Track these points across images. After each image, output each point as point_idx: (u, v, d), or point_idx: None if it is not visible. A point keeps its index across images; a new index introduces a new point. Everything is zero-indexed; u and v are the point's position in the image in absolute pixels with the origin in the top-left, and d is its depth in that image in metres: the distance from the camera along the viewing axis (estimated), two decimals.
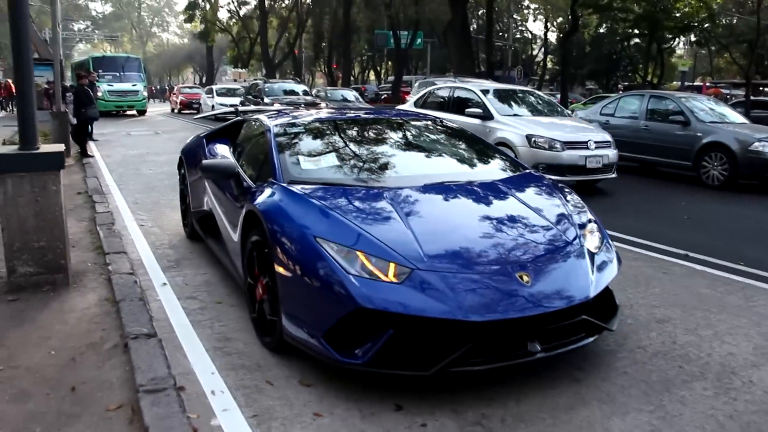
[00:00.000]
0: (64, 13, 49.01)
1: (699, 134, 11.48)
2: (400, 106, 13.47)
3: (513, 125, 10.33)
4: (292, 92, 24.03)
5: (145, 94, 33.73)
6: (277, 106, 6.62)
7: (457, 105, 11.68)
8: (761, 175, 10.85)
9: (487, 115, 10.76)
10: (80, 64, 36.61)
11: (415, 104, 12.83)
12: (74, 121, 14.23)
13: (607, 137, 10.43)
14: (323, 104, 19.67)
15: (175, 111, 37.41)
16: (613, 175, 10.33)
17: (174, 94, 42.23)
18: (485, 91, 11.47)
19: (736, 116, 12.58)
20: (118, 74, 31.78)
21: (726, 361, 3.91)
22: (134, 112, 31.66)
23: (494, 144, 9.82)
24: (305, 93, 24.57)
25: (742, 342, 4.21)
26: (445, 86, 13.31)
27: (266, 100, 21.79)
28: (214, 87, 35.10)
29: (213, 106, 28.89)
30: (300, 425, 3.11)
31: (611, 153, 10.22)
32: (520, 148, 9.82)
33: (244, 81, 40.22)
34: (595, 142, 10.05)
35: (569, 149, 9.76)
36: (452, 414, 3.22)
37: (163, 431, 2.91)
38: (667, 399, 3.42)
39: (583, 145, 9.93)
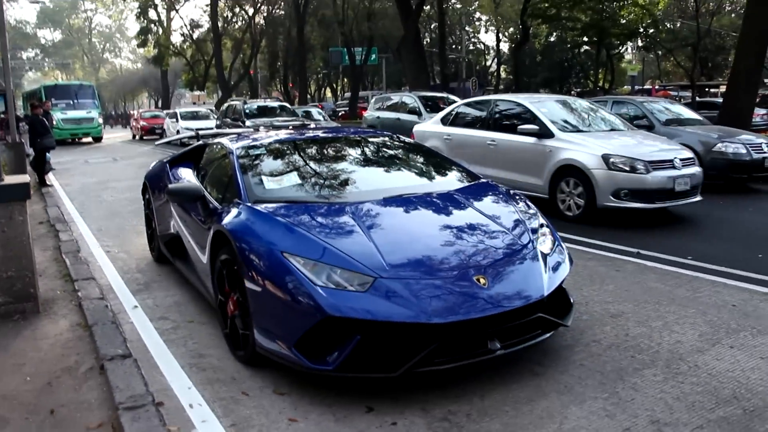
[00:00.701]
0: (12, 42, 48.22)
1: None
2: (419, 126, 11.93)
3: (581, 143, 8.54)
4: (275, 111, 21.13)
5: (101, 120, 33.22)
6: (262, 131, 6.01)
7: (502, 122, 9.87)
8: (725, 176, 10.97)
9: (544, 133, 8.90)
10: (32, 93, 36.08)
11: (443, 122, 11.00)
12: (31, 151, 14.12)
13: (689, 153, 8.93)
14: (312, 125, 17.49)
15: (137, 138, 35.37)
16: (699, 198, 8.73)
17: (135, 119, 39.49)
18: (538, 102, 9.64)
19: (692, 114, 13.00)
20: (71, 102, 31.45)
21: (674, 348, 4.17)
22: (90, 139, 31.28)
23: (559, 167, 8.64)
24: (287, 111, 21.54)
25: (689, 330, 4.48)
26: (482, 99, 11.30)
27: (247, 123, 18.50)
28: (178, 111, 32.16)
29: (178, 131, 26.85)
30: (277, 431, 3.26)
31: (697, 171, 8.67)
32: (596, 171, 8.14)
33: (204, 104, 38.68)
34: (681, 160, 8.46)
35: (655, 170, 8.12)
36: (421, 412, 3.41)
37: None
38: (621, 386, 3.66)
39: (668, 163, 8.31)
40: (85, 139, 31.35)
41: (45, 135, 13.98)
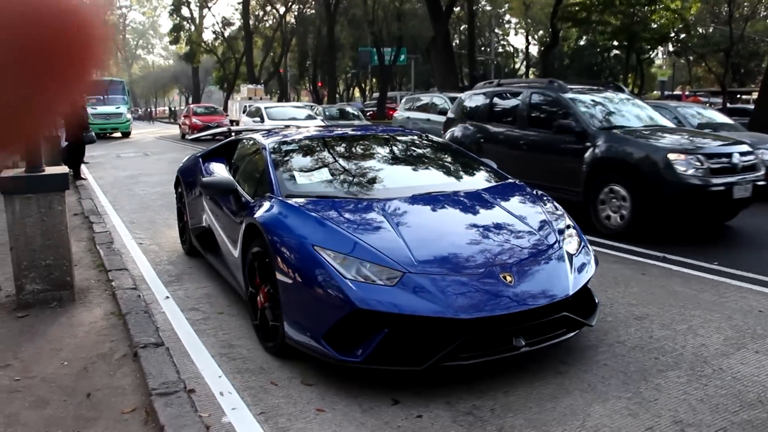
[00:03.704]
0: None
1: None
2: None
3: None
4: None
5: (129, 116, 33.58)
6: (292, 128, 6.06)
7: None
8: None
9: None
10: None
11: None
12: (64, 144, 14.40)
13: None
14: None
15: (188, 137, 27.89)
16: None
17: (185, 116, 32.94)
18: None
19: (724, 119, 12.79)
20: (101, 97, 31.98)
21: (699, 351, 4.19)
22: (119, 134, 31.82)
23: None
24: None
25: (714, 334, 4.49)
26: None
27: (600, 148, 7.87)
28: (263, 106, 22.66)
29: None
30: (304, 420, 3.35)
31: None
32: None
33: (260, 99, 34.83)
34: None
35: None
36: (445, 405, 3.47)
37: (178, 429, 3.13)
38: (644, 387, 3.69)
39: None
40: (115, 134, 31.87)
41: (87, 129, 14.23)
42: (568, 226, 4.52)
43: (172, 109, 73.69)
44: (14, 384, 3.75)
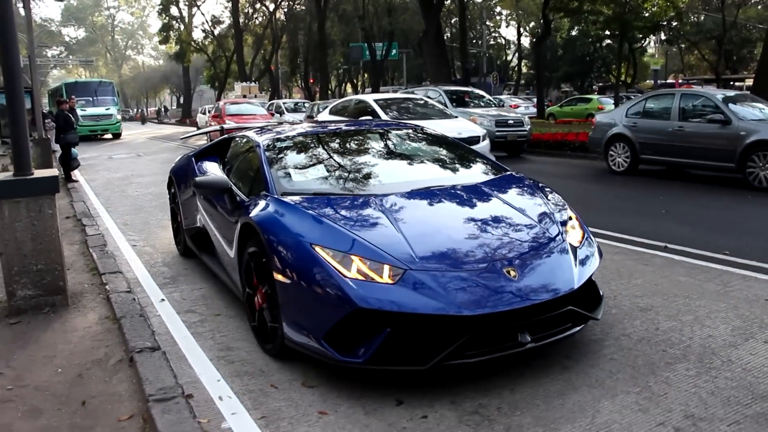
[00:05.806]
0: (38, 40, 48.94)
1: (742, 133, 10.57)
2: None
3: None
4: None
5: (119, 117, 33.53)
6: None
7: None
8: None
9: None
10: (55, 90, 36.69)
11: None
12: (57, 147, 14.29)
13: None
14: None
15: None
16: None
17: (214, 116, 24.93)
18: None
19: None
20: (91, 99, 31.96)
21: (706, 342, 4.11)
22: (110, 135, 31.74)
23: None
24: None
25: (720, 325, 4.41)
26: None
27: None
28: (370, 99, 13.92)
29: None
30: (307, 424, 3.25)
31: None
32: None
33: (255, 96, 32.80)
34: None
35: None
36: (451, 405, 3.38)
37: None
38: (653, 380, 3.61)
39: None
40: (106, 136, 31.77)
41: (69, 131, 14.11)
42: (570, 218, 4.44)
43: (141, 110, 73.32)
44: (6, 393, 3.65)
